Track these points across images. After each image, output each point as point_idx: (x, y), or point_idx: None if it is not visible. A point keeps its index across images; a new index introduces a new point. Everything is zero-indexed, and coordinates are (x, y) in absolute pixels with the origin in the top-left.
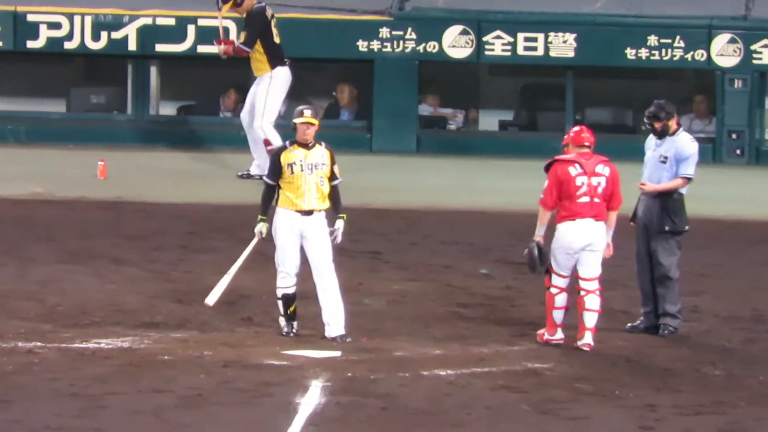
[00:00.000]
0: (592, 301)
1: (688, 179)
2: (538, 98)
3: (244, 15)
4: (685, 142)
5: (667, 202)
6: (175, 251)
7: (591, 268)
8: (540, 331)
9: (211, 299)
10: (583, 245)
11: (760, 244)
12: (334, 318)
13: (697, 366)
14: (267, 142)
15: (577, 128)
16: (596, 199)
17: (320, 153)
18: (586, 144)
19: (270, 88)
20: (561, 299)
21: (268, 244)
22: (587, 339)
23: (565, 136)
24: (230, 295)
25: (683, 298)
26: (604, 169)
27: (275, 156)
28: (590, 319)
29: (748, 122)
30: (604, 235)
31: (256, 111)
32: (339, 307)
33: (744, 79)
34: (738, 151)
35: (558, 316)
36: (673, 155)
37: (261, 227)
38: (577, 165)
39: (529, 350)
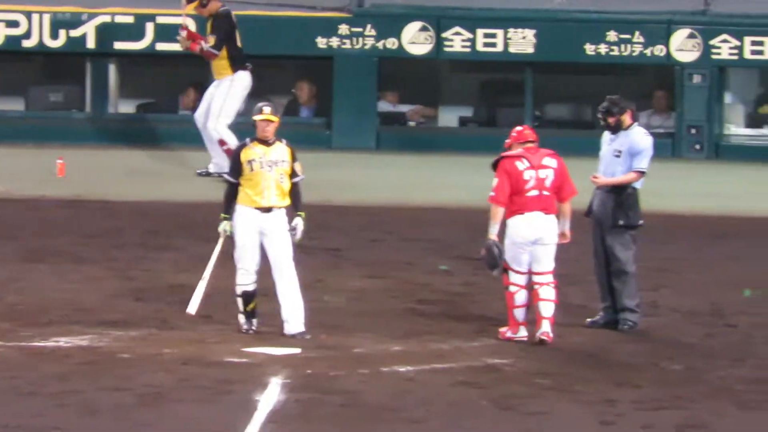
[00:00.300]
0: (547, 292)
1: (642, 173)
2: (498, 94)
3: (208, 16)
4: (638, 136)
5: (621, 196)
6: (135, 249)
7: (544, 262)
8: (502, 329)
9: (192, 308)
10: (535, 238)
11: (719, 239)
12: (293, 315)
13: (656, 361)
14: (222, 143)
15: (519, 128)
16: (545, 192)
17: (280, 150)
18: (530, 139)
19: (230, 91)
20: (521, 297)
21: (228, 241)
22: (545, 328)
23: (507, 140)
24: (189, 293)
25: (642, 292)
26: (551, 162)
27: (236, 153)
28: (546, 309)
29: (708, 117)
30: (555, 228)
31: (212, 112)
32: (299, 304)
33: (703, 74)
34: (697, 146)
35: (519, 314)
36: (626, 149)
37: (225, 225)
38: (524, 160)
39: (489, 346)
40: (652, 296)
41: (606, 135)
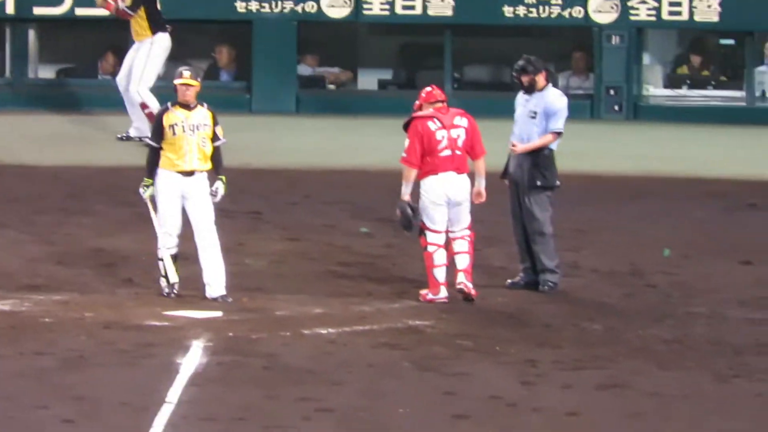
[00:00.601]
0: (461, 245)
1: (558, 134)
2: (417, 57)
3: None
4: (554, 97)
5: (538, 157)
6: (56, 214)
7: (459, 221)
8: (423, 292)
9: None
10: (449, 198)
11: (638, 199)
12: (214, 278)
13: (576, 321)
14: (144, 106)
15: (428, 88)
16: (457, 152)
17: (202, 114)
18: (440, 99)
19: (150, 53)
20: (440, 256)
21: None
22: (461, 279)
23: (416, 102)
24: (110, 257)
25: (562, 253)
26: (461, 121)
27: (158, 118)
28: (461, 261)
29: (626, 78)
30: (468, 187)
31: (134, 76)
32: (220, 267)
33: (621, 36)
34: (616, 107)
35: (439, 274)
36: (542, 110)
37: (148, 190)
38: (435, 120)
39: (410, 308)
40: (572, 257)
41: (520, 96)
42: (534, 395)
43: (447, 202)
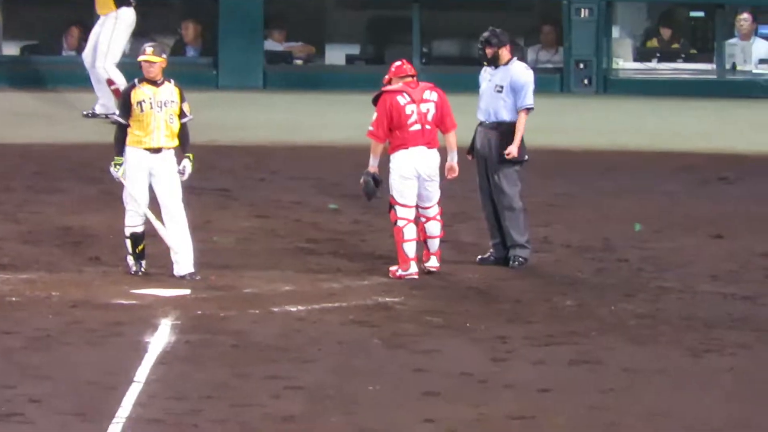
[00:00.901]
0: (433, 227)
1: (530, 109)
2: (385, 32)
3: None
4: (520, 71)
5: (505, 132)
6: (22, 192)
7: (429, 196)
8: (393, 268)
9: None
10: (419, 173)
11: (609, 173)
12: (182, 256)
13: (547, 296)
14: (110, 82)
15: (398, 62)
16: (427, 126)
17: (169, 90)
18: (410, 74)
19: (115, 28)
20: (410, 231)
21: (117, 183)
22: (433, 262)
23: (386, 76)
24: (77, 235)
25: (533, 228)
26: (431, 95)
27: (125, 94)
28: (433, 245)
29: (596, 52)
30: (438, 161)
31: (99, 51)
32: (188, 245)
33: (590, 9)
34: (586, 81)
35: (409, 248)
36: (508, 84)
37: (121, 169)
38: (405, 94)
39: (379, 284)
40: (543, 232)
41: (484, 72)
42: (505, 371)
43: (417, 176)
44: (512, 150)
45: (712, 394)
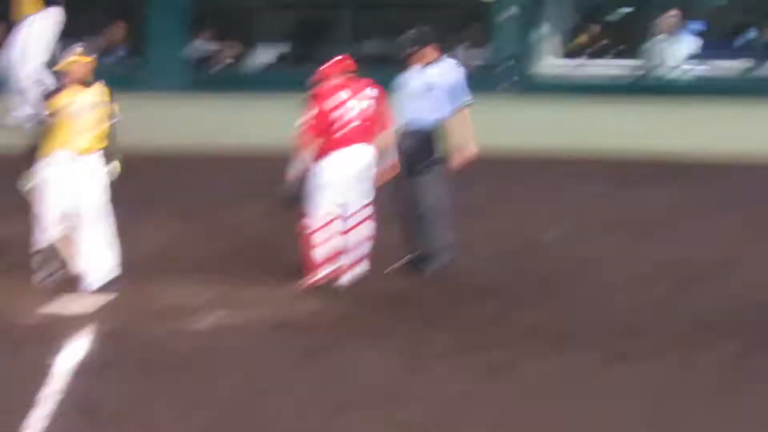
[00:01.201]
0: (366, 229)
1: (469, 105)
2: (315, 31)
3: None
4: (449, 68)
5: (427, 132)
6: None
7: (362, 196)
8: (307, 275)
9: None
10: (355, 172)
11: (532, 175)
12: (97, 266)
13: (465, 303)
14: (38, 84)
15: (338, 58)
16: (366, 123)
17: (97, 92)
18: (349, 69)
19: (42, 30)
20: (321, 237)
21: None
22: (348, 278)
23: (325, 68)
24: None
25: (452, 233)
26: (371, 92)
27: (51, 96)
28: (361, 250)
29: (523, 49)
30: (374, 160)
31: (27, 54)
32: (104, 254)
33: (518, 6)
34: (513, 80)
35: (320, 255)
36: (438, 84)
37: (42, 172)
38: (346, 90)
39: (298, 292)
40: (461, 237)
41: (411, 72)
42: (420, 381)
43: (352, 176)
44: (472, 149)
45: (627, 402)
